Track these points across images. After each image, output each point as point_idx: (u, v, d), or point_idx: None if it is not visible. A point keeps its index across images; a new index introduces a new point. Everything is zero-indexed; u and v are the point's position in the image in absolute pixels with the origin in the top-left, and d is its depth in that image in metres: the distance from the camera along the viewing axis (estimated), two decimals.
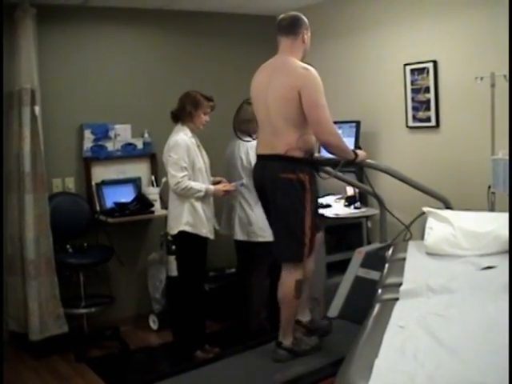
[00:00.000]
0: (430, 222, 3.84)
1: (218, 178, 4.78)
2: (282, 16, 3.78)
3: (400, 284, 3.18)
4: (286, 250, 3.70)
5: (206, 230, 4.55)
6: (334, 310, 4.40)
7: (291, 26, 3.71)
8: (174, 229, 4.57)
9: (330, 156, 3.85)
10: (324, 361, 3.67)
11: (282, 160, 3.60)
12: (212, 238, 4.63)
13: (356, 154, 3.77)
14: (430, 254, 3.67)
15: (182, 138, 4.49)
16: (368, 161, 3.99)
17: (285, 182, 3.59)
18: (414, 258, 3.64)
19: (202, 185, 4.50)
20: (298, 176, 3.58)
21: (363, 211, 5.31)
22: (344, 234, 5.52)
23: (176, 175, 4.43)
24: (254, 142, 4.27)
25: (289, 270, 3.71)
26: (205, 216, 4.54)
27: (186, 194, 4.45)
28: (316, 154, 3.90)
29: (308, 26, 3.76)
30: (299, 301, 3.79)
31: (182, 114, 4.58)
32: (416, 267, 3.44)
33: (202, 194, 4.48)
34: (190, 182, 4.45)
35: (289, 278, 3.71)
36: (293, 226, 3.64)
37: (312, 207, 3.67)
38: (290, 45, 3.71)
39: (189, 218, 4.49)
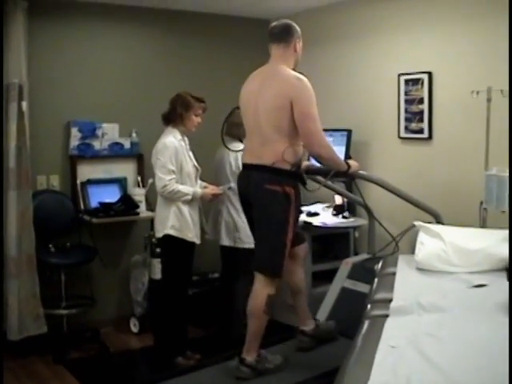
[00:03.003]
0: (421, 237, 3.79)
1: (205, 184, 4.71)
2: (273, 24, 3.72)
3: (390, 300, 3.13)
4: (266, 261, 3.61)
5: (191, 235, 4.48)
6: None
7: (283, 34, 3.64)
8: (159, 232, 4.50)
9: (319, 165, 3.81)
10: (310, 373, 3.62)
11: (268, 171, 3.52)
12: (198, 242, 4.56)
13: (349, 165, 3.72)
14: (420, 269, 3.63)
15: (171, 140, 4.42)
16: (360, 172, 3.95)
17: (270, 193, 3.52)
18: (404, 273, 3.60)
19: (189, 188, 4.44)
20: (284, 188, 3.51)
21: (351, 221, 5.26)
22: (331, 243, 5.47)
23: (163, 178, 4.36)
24: None
25: (263, 283, 3.60)
26: (191, 220, 4.47)
27: (172, 197, 4.39)
28: (306, 163, 3.85)
29: (300, 36, 3.69)
30: (267, 317, 3.65)
31: (172, 116, 4.51)
32: (406, 283, 3.39)
33: (189, 197, 4.42)
34: (178, 185, 4.38)
35: (261, 292, 3.59)
36: (275, 238, 3.56)
37: (294, 220, 3.60)
38: (281, 53, 3.63)
39: (175, 221, 4.42)
